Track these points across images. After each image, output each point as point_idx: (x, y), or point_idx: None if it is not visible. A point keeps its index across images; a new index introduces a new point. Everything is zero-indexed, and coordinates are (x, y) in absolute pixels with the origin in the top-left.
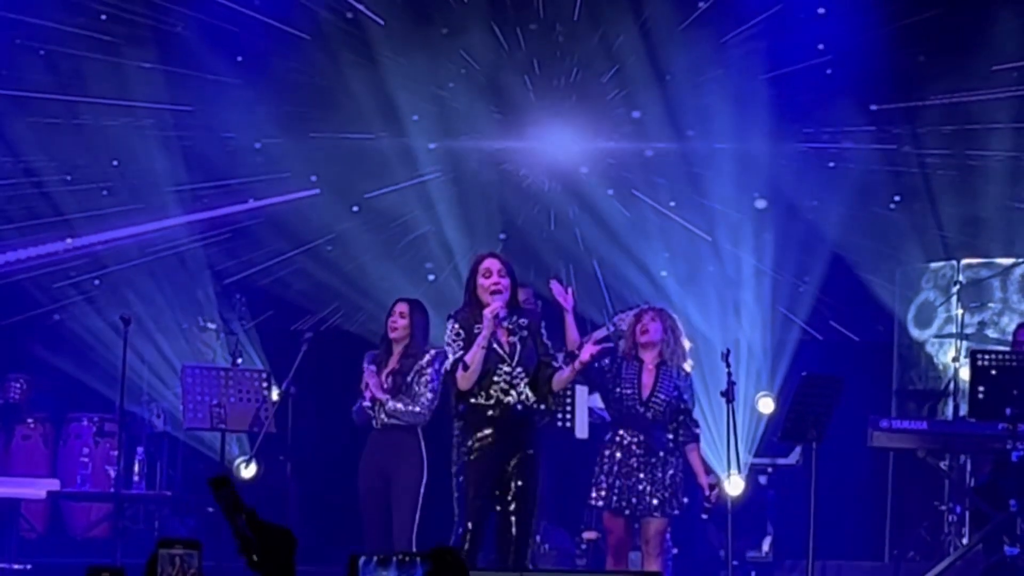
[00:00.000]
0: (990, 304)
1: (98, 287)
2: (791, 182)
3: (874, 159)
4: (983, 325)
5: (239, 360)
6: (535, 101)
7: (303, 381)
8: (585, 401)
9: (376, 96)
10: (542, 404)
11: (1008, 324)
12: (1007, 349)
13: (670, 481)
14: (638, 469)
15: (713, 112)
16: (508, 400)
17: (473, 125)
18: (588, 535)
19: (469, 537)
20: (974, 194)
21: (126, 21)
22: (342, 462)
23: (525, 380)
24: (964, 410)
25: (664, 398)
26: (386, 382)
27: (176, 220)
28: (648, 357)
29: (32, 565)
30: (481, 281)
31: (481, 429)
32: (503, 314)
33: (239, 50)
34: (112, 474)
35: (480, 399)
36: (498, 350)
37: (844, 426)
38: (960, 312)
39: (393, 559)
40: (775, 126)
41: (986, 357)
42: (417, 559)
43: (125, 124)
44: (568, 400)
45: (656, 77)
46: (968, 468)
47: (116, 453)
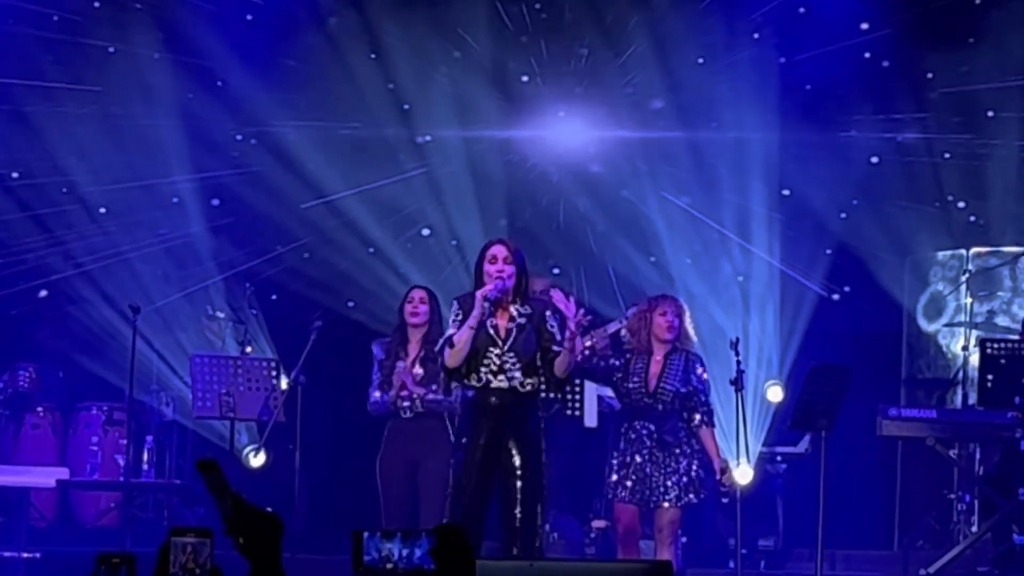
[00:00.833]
0: (999, 293)
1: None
2: (800, 171)
3: (883, 147)
4: (992, 314)
5: (248, 349)
6: (542, 86)
7: (312, 370)
8: (594, 390)
9: (367, 81)
10: (551, 392)
11: (1017, 312)
12: (1016, 338)
13: (684, 471)
14: (651, 459)
15: (730, 100)
16: (498, 384)
17: (474, 113)
18: (597, 524)
19: (464, 521)
20: (983, 182)
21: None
22: (351, 451)
23: (518, 366)
24: (973, 399)
25: (671, 388)
26: (415, 371)
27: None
28: (659, 349)
29: (41, 553)
30: (487, 267)
31: (472, 414)
32: (493, 295)
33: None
34: (121, 463)
35: (471, 380)
36: (491, 333)
37: (853, 415)
38: (969, 301)
39: (398, 534)
40: (787, 115)
41: (995, 346)
42: (422, 535)
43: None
44: (577, 389)
45: (673, 60)
46: (977, 457)
47: (125, 442)
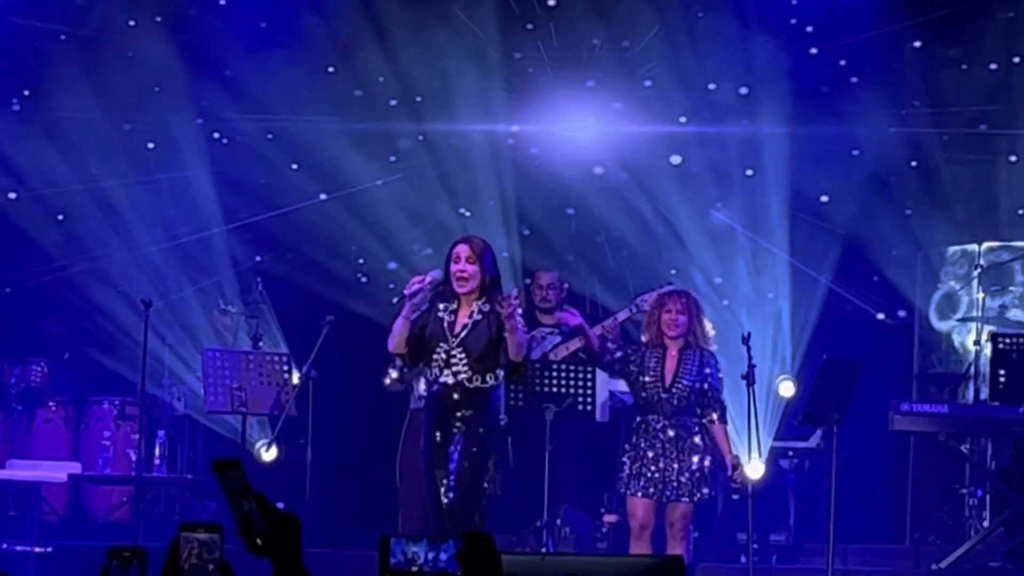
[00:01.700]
0: (1011, 287)
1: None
2: (811, 165)
3: (895, 141)
4: (1004, 308)
5: (260, 343)
6: (552, 76)
7: (324, 365)
8: (606, 385)
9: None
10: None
11: None
12: None
13: (697, 466)
14: (665, 454)
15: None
16: (444, 379)
17: (480, 105)
18: (609, 518)
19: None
20: (995, 177)
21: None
22: (362, 445)
23: (465, 361)
24: (985, 394)
25: (687, 383)
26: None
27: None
28: (672, 344)
29: (53, 548)
30: (451, 266)
31: (428, 406)
32: (409, 291)
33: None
34: (133, 457)
35: (428, 375)
36: (444, 328)
37: (865, 410)
38: (981, 296)
39: (424, 539)
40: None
41: (1007, 340)
42: (443, 542)
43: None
44: (588, 384)
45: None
46: (989, 452)
47: (137, 436)
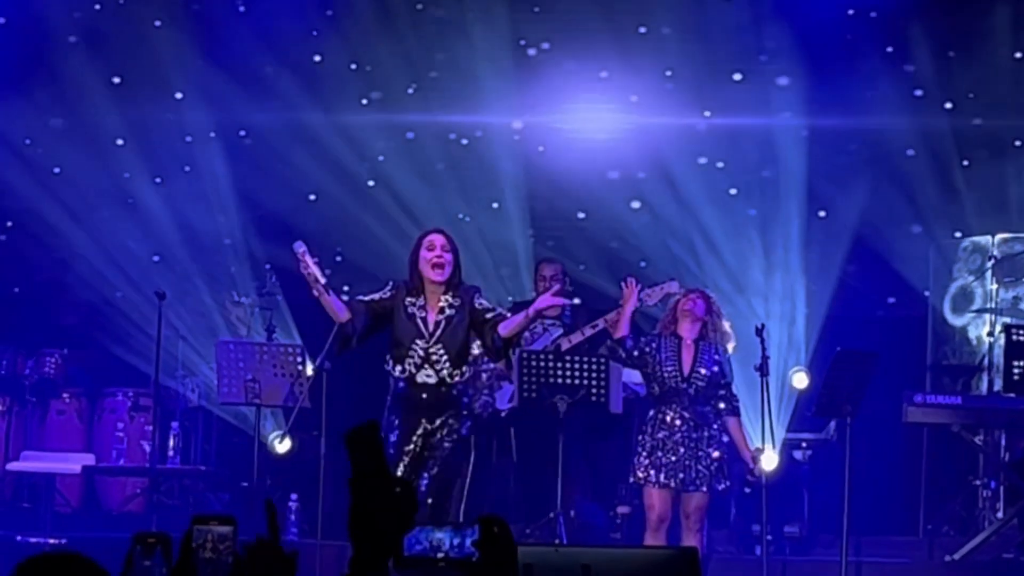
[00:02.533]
0: None
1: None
2: (821, 156)
3: (907, 131)
4: (1018, 300)
5: (274, 335)
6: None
7: (337, 356)
8: (619, 376)
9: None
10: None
11: None
12: None
13: (715, 457)
14: (682, 445)
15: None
16: (422, 378)
17: (485, 97)
18: (622, 509)
19: None
20: (1009, 166)
21: None
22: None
23: (446, 358)
24: (999, 385)
25: (705, 373)
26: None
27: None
28: (687, 332)
29: (67, 539)
30: (424, 254)
31: (400, 405)
32: (303, 248)
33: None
34: (147, 449)
35: (395, 372)
36: (419, 325)
37: (878, 401)
38: (995, 287)
39: (448, 525)
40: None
41: (1021, 332)
42: (466, 528)
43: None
44: (602, 375)
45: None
46: (1003, 443)
47: (151, 428)
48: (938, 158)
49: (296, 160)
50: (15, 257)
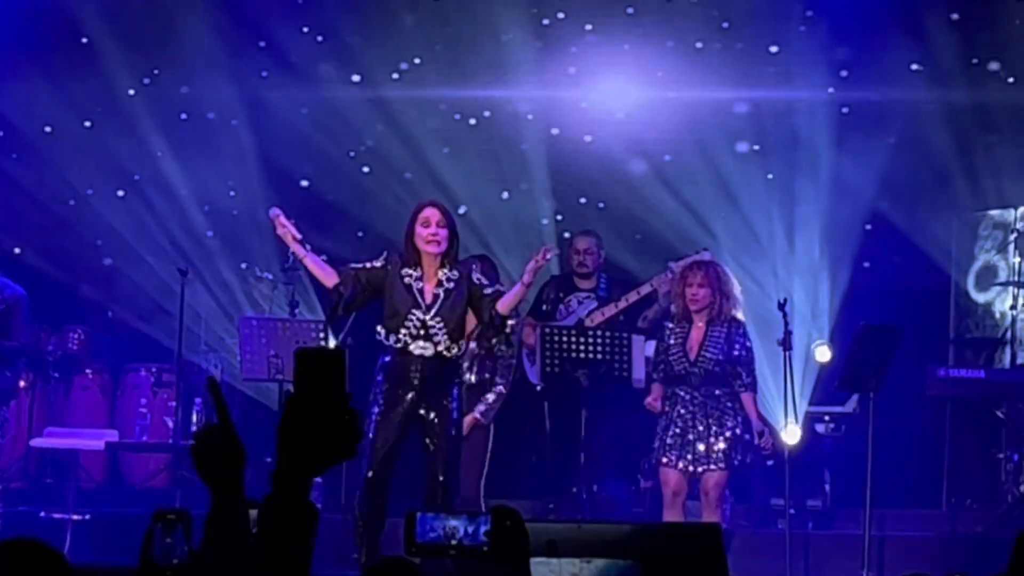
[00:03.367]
0: None
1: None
2: (841, 128)
3: (928, 101)
4: None
5: (297, 311)
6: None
7: (360, 332)
8: (642, 350)
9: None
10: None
11: None
12: None
13: (730, 434)
14: (692, 425)
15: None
16: (417, 350)
17: (501, 71)
18: (645, 484)
19: (369, 483)
20: None
21: None
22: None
23: (444, 331)
24: (1022, 358)
25: (712, 356)
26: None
27: None
28: (698, 317)
29: (91, 515)
30: (419, 230)
31: (390, 376)
32: (276, 211)
33: None
34: (170, 425)
35: (390, 341)
36: (416, 296)
37: (901, 375)
38: (1017, 260)
39: (464, 513)
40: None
41: None
42: (481, 516)
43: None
44: (625, 349)
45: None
46: None
47: (174, 404)
48: (961, 131)
49: (319, 135)
50: (41, 234)
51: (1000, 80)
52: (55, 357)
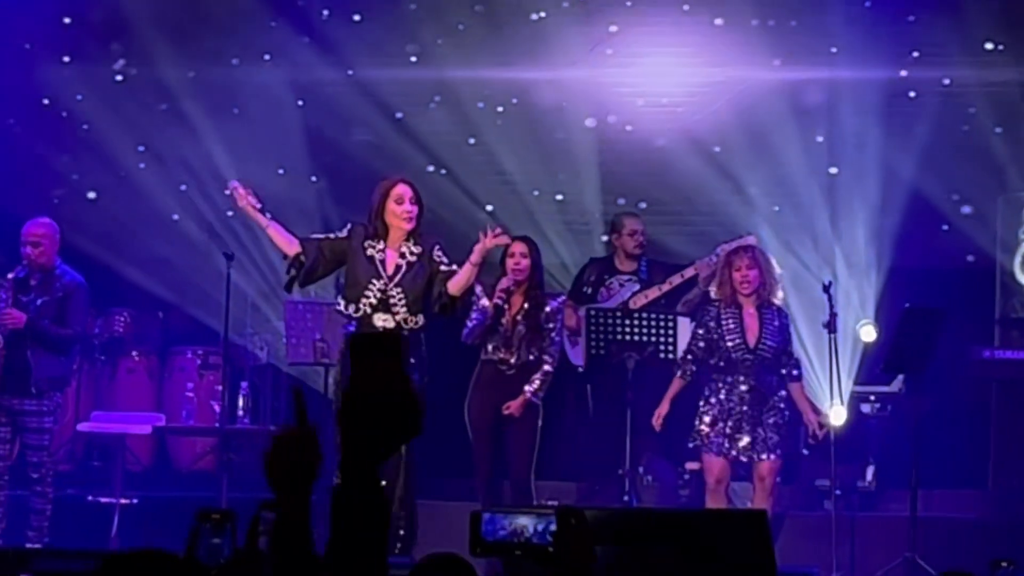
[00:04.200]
0: None
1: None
2: (884, 108)
3: (974, 83)
4: None
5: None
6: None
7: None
8: (688, 332)
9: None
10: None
11: None
12: None
13: (782, 422)
14: (747, 413)
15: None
16: (378, 322)
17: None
18: (691, 466)
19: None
20: None
21: None
22: (444, 395)
23: (404, 302)
24: None
25: (771, 343)
26: (518, 328)
27: None
28: (747, 301)
29: (139, 499)
30: (392, 206)
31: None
32: (234, 183)
33: None
34: (217, 409)
35: (349, 311)
36: (377, 266)
37: (946, 355)
38: None
39: (533, 512)
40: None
41: None
42: (547, 514)
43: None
44: (670, 332)
45: None
46: None
47: (221, 388)
48: (1007, 111)
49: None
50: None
51: None
52: (101, 340)
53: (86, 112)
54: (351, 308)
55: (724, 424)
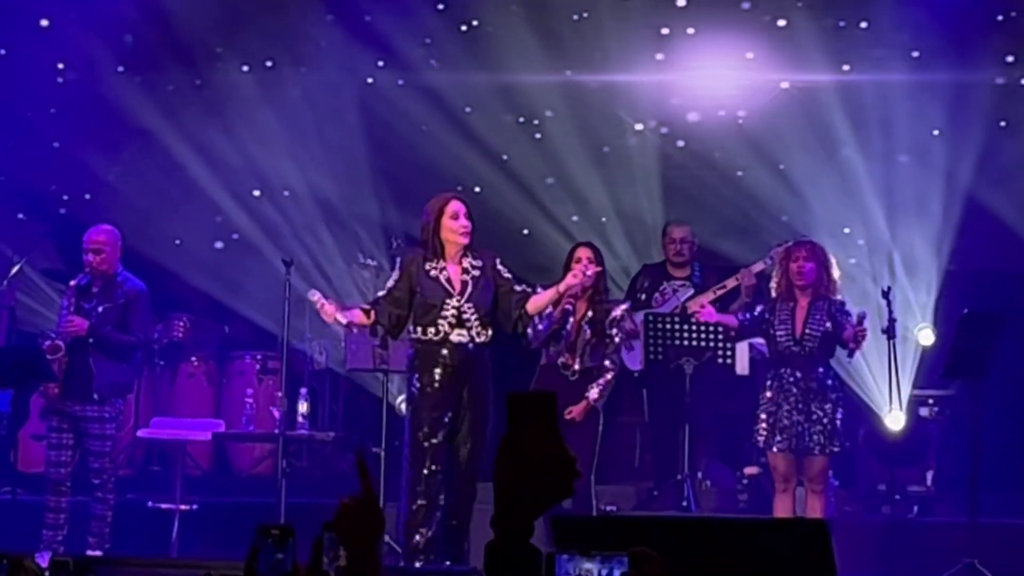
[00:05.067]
0: None
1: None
2: (943, 110)
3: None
4: None
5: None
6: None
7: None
8: (745, 353)
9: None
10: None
11: None
12: None
13: (829, 419)
14: (797, 407)
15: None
16: (457, 338)
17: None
18: (749, 470)
19: (427, 478)
20: None
21: None
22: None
23: (476, 317)
24: None
25: (815, 332)
26: (584, 334)
27: None
28: (802, 295)
29: (198, 504)
30: (449, 223)
31: (430, 368)
32: (316, 295)
33: None
34: (276, 415)
35: (428, 335)
36: (445, 285)
37: (1005, 358)
38: None
39: (598, 555)
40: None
41: None
42: (615, 557)
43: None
44: (728, 336)
45: None
46: None
47: (280, 394)
48: None
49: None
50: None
51: None
52: (161, 345)
53: (143, 119)
54: (430, 332)
55: (779, 418)
